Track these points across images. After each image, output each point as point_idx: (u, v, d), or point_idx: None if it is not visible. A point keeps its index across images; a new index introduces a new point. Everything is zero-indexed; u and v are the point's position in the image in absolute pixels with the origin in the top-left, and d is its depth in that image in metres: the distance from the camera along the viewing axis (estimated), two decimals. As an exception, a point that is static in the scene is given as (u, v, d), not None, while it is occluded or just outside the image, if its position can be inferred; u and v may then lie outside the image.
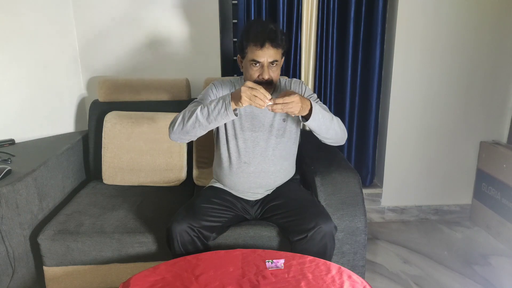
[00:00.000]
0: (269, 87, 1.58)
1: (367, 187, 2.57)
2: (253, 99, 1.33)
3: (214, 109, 1.41)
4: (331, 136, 1.56)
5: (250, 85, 1.34)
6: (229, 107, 1.38)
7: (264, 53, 1.50)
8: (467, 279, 1.99)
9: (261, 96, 1.33)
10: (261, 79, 1.54)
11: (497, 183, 2.35)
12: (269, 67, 1.53)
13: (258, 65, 1.53)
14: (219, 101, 1.41)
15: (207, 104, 1.44)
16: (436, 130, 2.47)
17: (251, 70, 1.54)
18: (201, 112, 1.43)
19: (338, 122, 1.56)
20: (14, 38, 1.94)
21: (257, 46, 1.49)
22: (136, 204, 1.82)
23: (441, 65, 2.37)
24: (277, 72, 1.57)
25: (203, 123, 1.44)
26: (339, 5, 2.33)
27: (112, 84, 2.12)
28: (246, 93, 1.33)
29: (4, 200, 1.49)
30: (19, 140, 2.01)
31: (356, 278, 1.22)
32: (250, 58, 1.52)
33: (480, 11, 2.30)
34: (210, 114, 1.42)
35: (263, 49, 1.49)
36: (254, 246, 1.60)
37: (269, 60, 1.52)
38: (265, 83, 1.54)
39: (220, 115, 1.41)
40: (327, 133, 1.54)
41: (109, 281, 1.67)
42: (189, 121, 1.45)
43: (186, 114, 1.47)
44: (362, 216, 1.64)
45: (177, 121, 1.49)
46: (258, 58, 1.51)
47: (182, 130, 1.48)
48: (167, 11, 2.24)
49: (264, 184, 1.68)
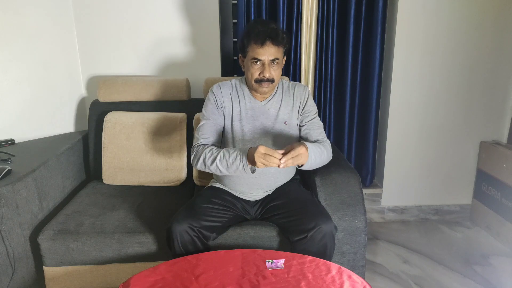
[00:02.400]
0: (270, 85, 1.58)
1: (367, 187, 2.57)
2: (267, 164, 1.36)
3: (233, 165, 1.45)
4: (317, 167, 1.59)
5: (263, 151, 1.35)
6: (247, 167, 1.43)
7: (265, 51, 1.51)
8: (467, 279, 1.99)
9: (275, 160, 1.35)
10: (262, 77, 1.55)
11: (497, 183, 2.35)
12: (270, 65, 1.54)
13: (259, 63, 1.54)
14: (236, 157, 1.44)
15: (225, 156, 1.46)
16: (436, 130, 2.47)
17: (252, 68, 1.55)
18: (220, 163, 1.48)
19: (327, 153, 1.57)
20: (14, 38, 1.94)
21: (258, 44, 1.51)
22: (136, 204, 1.82)
23: (441, 65, 2.37)
24: (278, 71, 1.58)
25: (224, 172, 1.50)
26: (339, 5, 2.33)
27: (112, 84, 2.12)
28: (259, 159, 1.36)
29: (4, 200, 1.49)
30: (19, 140, 2.01)
31: (356, 278, 1.22)
32: (251, 56, 1.54)
33: (480, 11, 2.30)
34: (229, 168, 1.47)
35: (264, 47, 1.51)
36: (254, 246, 1.60)
37: (270, 58, 1.53)
38: (266, 81, 1.55)
39: (238, 171, 1.46)
40: (315, 168, 1.57)
41: (109, 281, 1.67)
42: (211, 167, 1.51)
43: (207, 159, 1.50)
44: (362, 216, 1.64)
45: (198, 161, 1.53)
46: (259, 56, 1.52)
47: (205, 169, 1.54)
48: (167, 11, 2.24)
49: (264, 184, 1.68)
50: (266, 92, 1.62)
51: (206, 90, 2.09)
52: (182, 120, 2.05)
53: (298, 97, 1.69)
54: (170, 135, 2.02)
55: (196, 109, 2.07)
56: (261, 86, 1.58)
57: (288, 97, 1.70)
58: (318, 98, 2.46)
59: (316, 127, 1.66)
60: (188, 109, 2.12)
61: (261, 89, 1.60)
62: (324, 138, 1.64)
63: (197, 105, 2.09)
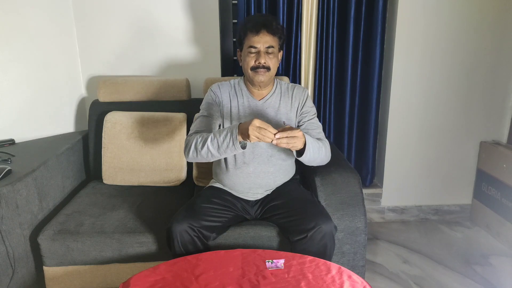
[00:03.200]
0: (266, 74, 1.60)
1: (367, 187, 2.57)
2: (261, 137, 1.35)
3: (223, 143, 1.42)
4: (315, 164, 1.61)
5: (258, 124, 1.34)
6: (236, 142, 1.40)
7: (260, 39, 1.57)
8: (467, 279, 1.99)
9: (269, 134, 1.34)
10: (258, 64, 1.58)
11: (497, 183, 2.35)
12: (266, 53, 1.58)
13: (254, 51, 1.58)
14: (227, 134, 1.42)
15: (216, 135, 1.44)
16: (436, 130, 2.47)
17: (248, 57, 1.60)
18: (211, 143, 1.45)
19: (326, 150, 1.58)
20: (14, 38, 1.94)
21: (253, 32, 1.57)
22: (136, 204, 1.82)
23: (441, 65, 2.37)
24: (274, 60, 1.61)
25: (215, 154, 1.47)
26: (339, 5, 2.33)
27: (112, 84, 2.12)
28: (254, 132, 1.34)
29: (4, 200, 1.49)
30: (19, 140, 2.01)
31: (356, 278, 1.22)
32: (248, 45, 1.59)
33: (480, 11, 2.30)
34: (220, 147, 1.44)
35: (259, 35, 1.57)
36: (254, 246, 1.60)
37: (265, 45, 1.58)
38: (262, 68, 1.58)
39: (229, 149, 1.43)
40: (313, 163, 1.58)
41: (109, 281, 1.67)
42: (202, 151, 1.47)
43: (198, 143, 1.48)
44: (362, 216, 1.64)
45: (190, 148, 1.50)
46: (255, 44, 1.57)
47: (197, 157, 1.51)
48: (167, 11, 2.24)
49: (264, 184, 1.68)
50: (262, 81, 1.62)
51: (206, 90, 2.09)
52: (182, 120, 2.05)
53: (297, 98, 1.70)
54: (170, 135, 2.02)
55: (196, 109, 2.05)
56: (257, 74, 1.59)
57: (287, 98, 1.70)
58: (318, 98, 2.46)
59: (314, 127, 1.67)
60: (188, 109, 2.12)
61: (257, 78, 1.60)
62: (323, 138, 1.64)
63: (197, 105, 2.07)
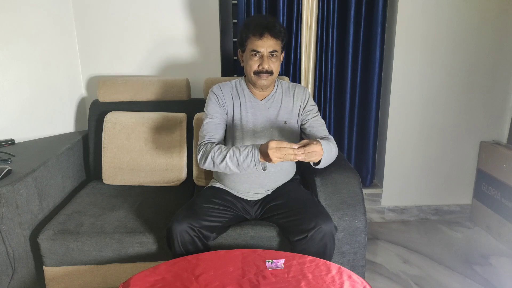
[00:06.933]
0: (269, 78, 1.60)
1: (367, 187, 2.57)
2: (284, 158, 1.34)
3: (243, 162, 1.43)
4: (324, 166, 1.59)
5: (275, 145, 1.34)
6: (258, 165, 1.41)
7: (264, 43, 1.54)
8: (467, 279, 1.99)
9: (290, 151, 1.33)
10: (261, 69, 1.57)
11: (497, 183, 2.35)
12: (269, 57, 1.57)
13: (258, 55, 1.56)
14: (247, 154, 1.42)
15: (236, 153, 1.44)
16: (436, 130, 2.47)
17: (251, 61, 1.57)
18: (230, 160, 1.45)
19: (335, 149, 1.59)
20: (14, 38, 1.94)
21: (256, 36, 1.54)
22: (136, 204, 1.82)
23: (441, 65, 2.37)
24: (277, 64, 1.60)
25: (235, 170, 1.47)
26: (339, 5, 2.33)
27: (112, 84, 2.12)
28: (275, 154, 1.34)
29: (4, 200, 1.49)
30: (19, 140, 2.01)
31: (356, 278, 1.22)
32: (250, 49, 1.56)
33: (480, 11, 2.30)
34: (239, 165, 1.44)
35: (263, 39, 1.54)
36: (254, 246, 1.60)
37: (269, 50, 1.55)
38: (265, 73, 1.57)
39: (250, 168, 1.43)
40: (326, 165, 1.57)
41: (109, 281, 1.67)
42: (220, 166, 1.47)
43: (216, 157, 1.47)
44: (362, 216, 1.64)
45: (207, 160, 1.50)
46: (258, 48, 1.55)
47: (214, 168, 1.51)
48: (167, 11, 2.24)
49: (264, 184, 1.68)
50: (265, 85, 1.62)
51: (206, 90, 2.09)
52: (182, 120, 2.05)
53: (298, 98, 1.70)
54: (170, 135, 2.02)
55: (196, 109, 2.07)
56: (260, 78, 1.59)
57: (288, 98, 1.70)
58: (318, 98, 2.46)
59: (319, 124, 1.69)
60: (188, 109, 2.12)
61: (260, 82, 1.60)
62: (328, 135, 1.66)
63: (197, 105, 2.09)
